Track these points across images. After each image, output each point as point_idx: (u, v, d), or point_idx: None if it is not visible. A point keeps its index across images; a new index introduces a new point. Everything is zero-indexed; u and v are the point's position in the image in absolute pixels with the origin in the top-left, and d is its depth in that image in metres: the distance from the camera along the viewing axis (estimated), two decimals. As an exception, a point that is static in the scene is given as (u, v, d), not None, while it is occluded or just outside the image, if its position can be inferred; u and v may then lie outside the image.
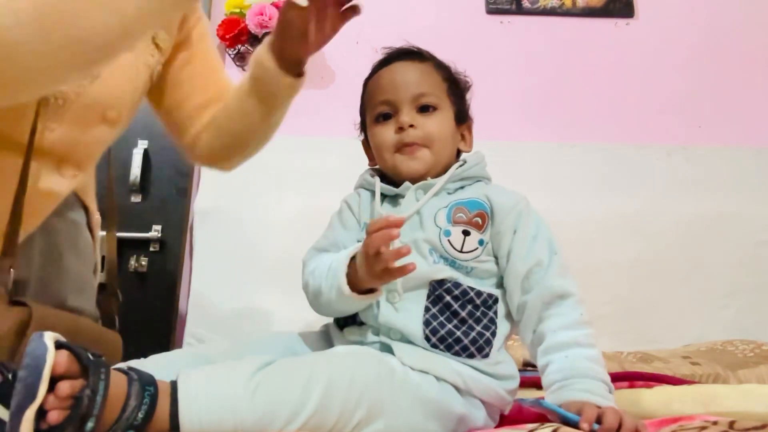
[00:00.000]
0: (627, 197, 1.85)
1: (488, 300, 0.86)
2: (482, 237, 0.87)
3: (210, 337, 1.60)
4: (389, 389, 0.74)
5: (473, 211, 0.88)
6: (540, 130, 1.98)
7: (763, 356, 1.30)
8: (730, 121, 2.03)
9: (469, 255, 0.86)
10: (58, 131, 0.89)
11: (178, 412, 0.66)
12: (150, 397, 0.66)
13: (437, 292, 0.84)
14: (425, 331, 0.82)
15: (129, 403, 0.65)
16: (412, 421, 0.75)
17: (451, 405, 0.78)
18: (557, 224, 1.20)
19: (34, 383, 0.59)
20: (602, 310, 1.65)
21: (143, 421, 0.65)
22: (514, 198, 0.91)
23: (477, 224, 0.87)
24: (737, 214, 1.82)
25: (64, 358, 0.61)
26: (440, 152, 0.92)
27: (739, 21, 2.07)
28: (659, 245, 1.77)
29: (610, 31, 2.05)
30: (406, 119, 0.90)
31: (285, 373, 0.71)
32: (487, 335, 0.83)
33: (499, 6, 2.03)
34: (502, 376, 0.84)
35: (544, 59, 2.02)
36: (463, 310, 0.83)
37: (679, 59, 2.04)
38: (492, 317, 0.85)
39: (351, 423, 0.70)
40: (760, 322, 1.66)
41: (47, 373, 0.59)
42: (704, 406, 0.83)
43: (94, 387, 0.62)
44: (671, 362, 1.26)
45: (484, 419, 0.83)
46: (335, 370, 0.72)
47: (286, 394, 0.69)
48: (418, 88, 0.92)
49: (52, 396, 0.60)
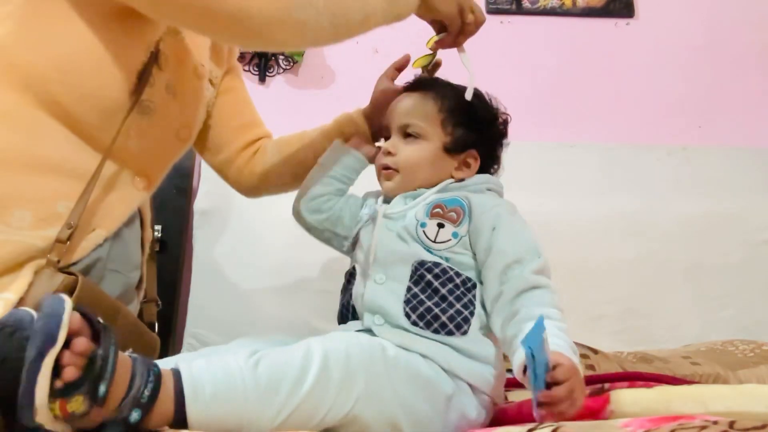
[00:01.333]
0: (627, 197, 1.85)
1: (467, 282, 0.90)
2: (456, 230, 0.93)
3: (210, 337, 1.60)
4: (383, 364, 0.78)
5: (450, 206, 0.94)
6: (540, 130, 1.97)
7: (764, 356, 1.30)
8: (730, 121, 2.03)
9: (442, 245, 0.92)
10: (138, 140, 0.96)
11: (183, 389, 0.68)
12: (155, 376, 0.68)
13: (419, 271, 0.90)
14: (405, 309, 0.87)
15: (134, 382, 0.66)
16: (406, 398, 0.78)
17: (440, 383, 0.82)
18: (557, 224, 1.24)
19: (54, 329, 0.60)
20: (602, 310, 1.65)
21: (149, 399, 0.66)
22: (495, 200, 0.98)
23: (452, 218, 0.93)
24: (737, 214, 1.82)
25: (77, 317, 0.62)
26: (412, 176, 1.00)
27: (740, 21, 2.07)
28: (659, 245, 1.76)
29: (610, 31, 2.05)
30: (387, 145, 1.02)
31: (282, 351, 0.75)
32: (465, 313, 0.88)
33: (499, 6, 2.03)
34: (483, 357, 0.87)
35: (544, 59, 2.02)
36: (444, 288, 0.89)
37: (680, 59, 2.04)
38: (471, 299, 0.89)
39: (350, 399, 0.73)
40: (760, 322, 1.65)
41: (67, 319, 0.60)
42: (704, 406, 0.83)
43: (105, 351, 0.63)
44: (671, 362, 1.26)
45: (476, 408, 0.84)
46: (330, 346, 0.76)
47: (287, 367, 0.73)
48: (405, 119, 1.01)
49: (68, 351, 0.61)
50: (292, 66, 1.96)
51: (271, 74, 1.95)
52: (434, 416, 0.80)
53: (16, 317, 0.62)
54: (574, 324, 1.54)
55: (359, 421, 0.75)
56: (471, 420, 0.84)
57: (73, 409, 0.61)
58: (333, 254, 1.13)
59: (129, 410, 0.65)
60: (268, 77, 1.94)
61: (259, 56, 1.93)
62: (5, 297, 0.78)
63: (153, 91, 0.93)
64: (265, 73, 1.94)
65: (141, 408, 0.66)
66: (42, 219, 0.85)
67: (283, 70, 1.97)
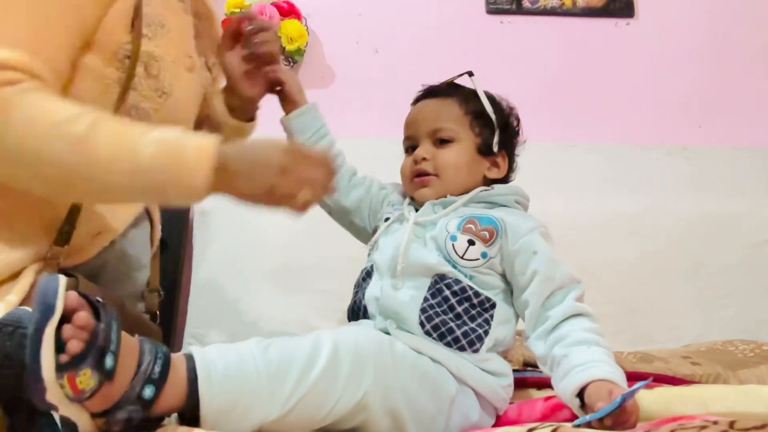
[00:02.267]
0: (627, 197, 1.84)
1: (485, 303, 0.89)
2: (486, 250, 0.91)
3: (210, 337, 1.60)
4: (391, 357, 0.78)
5: (483, 225, 0.93)
6: (540, 130, 1.97)
7: (764, 356, 1.30)
8: (730, 121, 2.03)
9: (469, 263, 0.91)
10: None
11: (195, 368, 0.68)
12: (163, 354, 0.67)
13: (438, 285, 0.89)
14: (420, 317, 0.87)
15: (144, 357, 0.66)
16: (411, 393, 0.78)
17: (445, 383, 0.82)
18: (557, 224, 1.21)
19: (50, 300, 0.59)
20: (602, 310, 1.62)
21: (161, 375, 0.66)
22: (532, 221, 0.96)
23: (484, 237, 0.92)
24: (737, 214, 1.82)
25: (75, 295, 0.62)
26: (452, 180, 1.00)
27: (740, 21, 2.07)
28: (659, 245, 1.76)
29: (611, 31, 2.05)
30: (420, 152, 1.00)
31: (291, 339, 0.76)
32: (480, 332, 0.87)
33: (500, 6, 2.03)
34: (494, 371, 0.88)
35: (544, 59, 2.02)
36: (460, 306, 0.88)
37: (680, 59, 2.04)
38: (487, 319, 0.89)
39: (360, 389, 0.73)
40: (760, 322, 1.65)
41: (62, 290, 0.60)
42: (704, 406, 0.83)
43: (107, 325, 0.62)
44: (671, 362, 1.26)
45: (478, 412, 0.84)
46: (340, 337, 0.76)
47: (297, 352, 0.73)
48: (434, 124, 1.01)
49: (69, 325, 0.60)
50: (292, 66, 1.95)
51: (271, 74, 1.95)
52: (437, 414, 0.80)
53: (15, 316, 0.62)
54: (574, 324, 1.55)
55: (367, 411, 0.75)
56: (473, 423, 0.84)
57: (83, 385, 0.60)
58: (333, 254, 1.13)
59: (141, 386, 0.64)
60: (268, 77, 1.94)
61: (259, 56, 1.93)
62: (8, 299, 0.78)
63: (142, 97, 0.89)
64: (265, 73, 1.94)
65: (153, 383, 0.65)
66: (45, 225, 0.84)
67: (284, 70, 1.97)
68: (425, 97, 1.07)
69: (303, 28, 1.91)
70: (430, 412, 0.80)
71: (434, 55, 1.90)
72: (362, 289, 0.96)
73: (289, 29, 1.88)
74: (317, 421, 0.72)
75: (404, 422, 0.77)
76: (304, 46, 1.91)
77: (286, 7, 1.90)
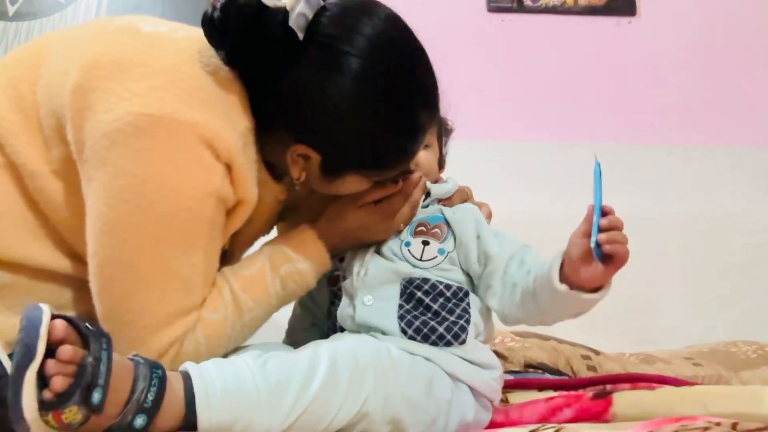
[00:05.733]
0: (627, 197, 1.84)
1: (458, 292, 0.89)
2: (442, 246, 0.91)
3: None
4: (389, 362, 0.78)
5: (433, 223, 0.94)
6: (540, 129, 1.97)
7: (766, 357, 1.30)
8: (731, 121, 2.03)
9: (428, 263, 0.90)
10: None
11: (193, 388, 0.67)
12: (158, 380, 0.66)
13: (408, 289, 0.88)
14: (400, 324, 0.86)
15: (137, 384, 0.64)
16: (411, 396, 0.78)
17: (442, 384, 0.82)
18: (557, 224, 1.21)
19: (32, 342, 0.58)
20: (602, 311, 1.62)
21: (153, 403, 0.64)
22: (468, 210, 0.96)
23: (437, 234, 0.93)
24: (737, 214, 1.82)
25: (61, 324, 0.60)
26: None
27: (741, 20, 2.07)
28: (659, 245, 1.76)
29: (612, 29, 2.04)
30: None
31: (288, 352, 0.76)
32: (461, 323, 0.87)
33: (501, 4, 2.03)
34: (483, 363, 0.87)
35: (545, 58, 2.02)
36: (435, 303, 0.87)
37: (681, 58, 2.04)
38: (465, 308, 0.89)
39: (360, 397, 0.73)
40: (762, 323, 1.65)
41: (44, 329, 0.58)
42: (706, 407, 0.83)
43: (96, 355, 0.61)
44: (673, 363, 1.26)
45: (474, 408, 0.84)
46: (337, 348, 0.76)
47: (295, 366, 0.72)
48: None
49: (54, 361, 0.59)
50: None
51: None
52: (437, 416, 0.80)
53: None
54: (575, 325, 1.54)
55: (368, 418, 0.74)
56: (471, 423, 0.84)
57: (68, 419, 0.59)
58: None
59: (133, 416, 0.63)
60: (267, 76, 1.93)
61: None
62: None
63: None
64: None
65: (146, 413, 0.64)
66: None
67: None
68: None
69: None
70: (431, 414, 0.79)
71: (435, 54, 1.89)
72: (332, 314, 0.94)
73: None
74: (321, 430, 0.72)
75: (405, 427, 0.77)
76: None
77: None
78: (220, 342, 0.81)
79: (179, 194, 0.76)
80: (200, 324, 0.80)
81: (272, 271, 0.86)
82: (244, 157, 0.80)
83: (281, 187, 0.91)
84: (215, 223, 0.80)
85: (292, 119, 0.81)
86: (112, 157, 0.74)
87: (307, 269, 0.87)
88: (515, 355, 1.23)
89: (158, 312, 0.77)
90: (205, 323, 0.80)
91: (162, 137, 0.74)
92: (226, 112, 0.79)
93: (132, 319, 0.76)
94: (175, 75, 0.77)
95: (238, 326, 0.83)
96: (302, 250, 0.88)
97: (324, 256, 0.89)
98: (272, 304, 0.87)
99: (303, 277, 0.88)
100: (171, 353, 0.77)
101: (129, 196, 0.75)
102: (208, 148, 0.76)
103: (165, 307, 0.77)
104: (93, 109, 0.74)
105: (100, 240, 0.76)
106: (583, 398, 0.88)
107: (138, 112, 0.73)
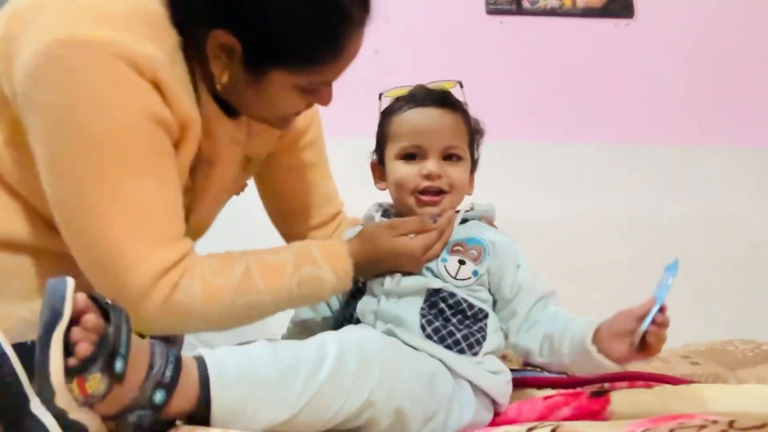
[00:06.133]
0: (627, 197, 1.85)
1: (479, 314, 0.92)
2: (477, 268, 0.94)
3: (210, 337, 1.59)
4: (394, 355, 0.79)
5: (471, 245, 0.96)
6: (540, 130, 1.98)
7: (763, 356, 1.30)
8: (730, 121, 2.03)
9: (461, 282, 0.93)
10: None
11: (207, 369, 0.68)
12: (175, 357, 0.67)
13: (433, 298, 0.91)
14: (421, 321, 0.89)
15: (155, 361, 0.65)
16: (414, 389, 0.79)
17: (445, 380, 0.84)
18: (557, 224, 1.24)
19: (58, 304, 0.59)
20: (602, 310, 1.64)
21: (172, 378, 0.65)
22: (509, 239, 0.98)
23: (473, 256, 0.95)
24: (737, 214, 1.82)
25: (83, 296, 0.61)
26: (458, 199, 1.00)
27: (739, 21, 2.07)
28: (659, 245, 1.76)
29: (610, 31, 2.05)
30: (435, 169, 0.96)
31: (298, 342, 0.77)
32: (478, 336, 0.90)
33: (499, 6, 2.03)
34: (492, 370, 0.90)
35: (544, 59, 2.02)
36: (455, 318, 0.90)
37: (679, 59, 2.04)
38: (482, 327, 0.92)
39: (367, 387, 0.74)
40: (759, 322, 1.65)
41: (70, 293, 0.59)
42: (704, 405, 0.83)
43: (117, 327, 0.62)
44: (671, 362, 1.26)
45: (474, 405, 0.86)
46: (345, 339, 0.77)
47: (304, 353, 0.74)
48: (450, 140, 0.98)
49: (78, 328, 0.60)
50: (293, 66, 1.96)
51: (271, 74, 1.95)
52: (438, 410, 0.81)
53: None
54: (574, 324, 1.55)
55: (374, 408, 0.75)
56: (471, 420, 0.85)
57: (92, 389, 0.60)
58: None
59: (152, 390, 0.64)
60: (268, 77, 1.94)
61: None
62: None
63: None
64: (266, 73, 1.93)
65: (164, 388, 0.65)
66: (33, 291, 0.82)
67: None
68: (436, 103, 1.01)
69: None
70: (432, 409, 0.81)
71: (434, 56, 1.90)
72: (351, 306, 0.96)
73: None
74: (326, 420, 0.73)
75: (408, 419, 0.78)
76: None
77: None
78: (217, 308, 0.80)
79: (109, 116, 0.73)
80: (200, 280, 0.78)
81: (295, 266, 0.85)
82: (173, 74, 0.77)
83: (235, 125, 0.89)
84: (160, 149, 0.78)
85: (209, 3, 0.78)
86: (37, 97, 0.73)
87: (328, 279, 0.87)
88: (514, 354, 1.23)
89: (126, 250, 0.74)
90: (206, 281, 0.79)
91: (78, 61, 0.72)
92: (146, 32, 0.76)
93: (105, 265, 0.75)
94: (90, 4, 0.75)
95: (240, 302, 0.81)
96: (330, 260, 0.87)
97: (348, 273, 0.89)
98: (282, 299, 0.85)
99: (322, 284, 0.87)
100: (157, 296, 0.75)
101: (61, 131, 0.73)
102: (129, 65, 0.73)
103: (131, 243, 0.75)
104: (16, 55, 0.73)
105: (51, 186, 0.75)
106: (581, 396, 0.89)
107: (48, 40, 0.71)
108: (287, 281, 0.84)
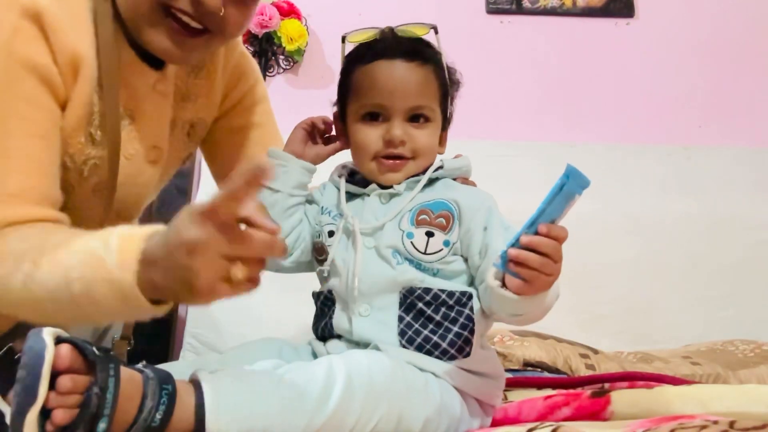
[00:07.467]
0: (627, 197, 1.84)
1: (462, 298, 0.85)
2: (447, 238, 0.85)
3: (210, 337, 1.60)
4: (404, 385, 0.76)
5: (437, 212, 0.86)
6: (540, 130, 1.98)
7: (764, 356, 1.30)
8: (730, 121, 2.03)
9: (433, 256, 0.85)
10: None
11: (204, 402, 0.64)
12: (168, 396, 0.63)
13: (409, 300, 0.84)
14: (401, 341, 0.82)
15: (146, 403, 0.62)
16: (425, 419, 0.76)
17: (453, 404, 0.81)
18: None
19: (33, 383, 0.56)
20: (602, 310, 1.65)
21: (162, 422, 0.62)
22: (481, 196, 0.89)
23: (441, 225, 0.85)
24: (737, 214, 1.82)
25: (66, 352, 0.58)
26: (423, 163, 0.90)
27: (740, 21, 2.07)
28: (659, 245, 1.76)
29: (611, 31, 2.05)
30: (398, 133, 0.86)
31: (304, 368, 0.73)
32: (465, 334, 0.83)
33: (499, 6, 2.03)
34: (490, 372, 0.86)
35: (544, 59, 2.02)
36: (437, 314, 0.83)
37: (680, 59, 2.04)
38: (468, 314, 0.84)
39: (374, 417, 0.72)
40: (760, 322, 1.65)
41: (47, 370, 0.56)
42: (704, 406, 0.83)
43: (102, 384, 0.58)
44: (671, 362, 1.27)
45: (479, 420, 0.85)
46: (353, 367, 0.73)
47: (310, 384, 0.70)
48: (415, 101, 0.88)
49: (54, 393, 0.57)
50: (292, 66, 1.96)
51: (271, 74, 1.95)
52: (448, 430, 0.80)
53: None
54: (574, 324, 1.55)
55: None
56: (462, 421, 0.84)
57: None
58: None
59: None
60: (268, 77, 1.94)
61: (259, 56, 1.93)
62: None
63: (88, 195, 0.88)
64: (265, 73, 1.93)
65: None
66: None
67: (283, 70, 1.97)
68: (403, 56, 0.91)
69: (303, 28, 1.91)
70: (443, 430, 0.79)
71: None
72: (324, 318, 0.90)
73: (289, 29, 1.88)
74: None
75: None
76: (304, 46, 1.91)
77: (286, 7, 1.90)
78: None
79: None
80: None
81: (72, 269, 0.69)
82: (61, 7, 0.75)
83: (159, 76, 0.86)
84: (30, 98, 0.75)
85: None
86: None
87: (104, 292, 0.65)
88: (514, 354, 1.23)
89: None
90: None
91: None
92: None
93: None
94: None
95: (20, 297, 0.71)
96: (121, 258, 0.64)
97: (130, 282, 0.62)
98: (65, 306, 0.69)
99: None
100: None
101: None
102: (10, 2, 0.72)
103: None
104: None
105: None
106: (582, 397, 0.89)
107: None
108: (66, 273, 0.67)
